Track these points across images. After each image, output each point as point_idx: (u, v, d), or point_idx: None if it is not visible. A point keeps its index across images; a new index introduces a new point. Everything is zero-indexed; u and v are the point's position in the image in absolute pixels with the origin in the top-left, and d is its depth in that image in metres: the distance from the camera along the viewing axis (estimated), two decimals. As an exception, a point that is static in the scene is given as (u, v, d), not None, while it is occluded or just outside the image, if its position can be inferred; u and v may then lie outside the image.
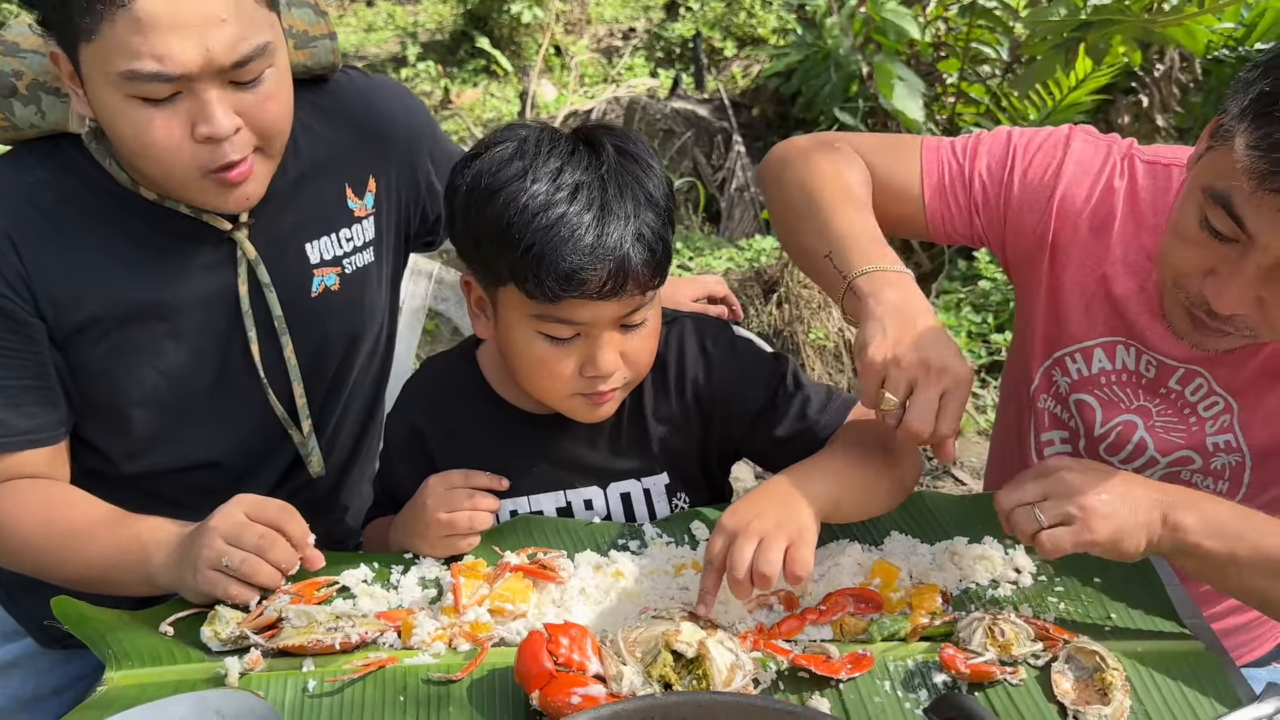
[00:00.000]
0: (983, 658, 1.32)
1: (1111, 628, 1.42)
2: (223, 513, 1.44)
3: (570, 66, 6.68)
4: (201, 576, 1.41)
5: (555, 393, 1.52)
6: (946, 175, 1.68)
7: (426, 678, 1.35)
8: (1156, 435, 1.64)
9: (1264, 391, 1.56)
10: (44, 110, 1.53)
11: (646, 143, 1.50)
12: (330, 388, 1.79)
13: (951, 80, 5.00)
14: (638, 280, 1.42)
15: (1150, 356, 1.62)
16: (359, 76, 1.78)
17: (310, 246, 1.69)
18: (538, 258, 1.38)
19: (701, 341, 1.65)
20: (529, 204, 1.39)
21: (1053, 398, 1.74)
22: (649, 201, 1.44)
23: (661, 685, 1.29)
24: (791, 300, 3.65)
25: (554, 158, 1.42)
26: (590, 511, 1.66)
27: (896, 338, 1.36)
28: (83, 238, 1.55)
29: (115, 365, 1.59)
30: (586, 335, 1.46)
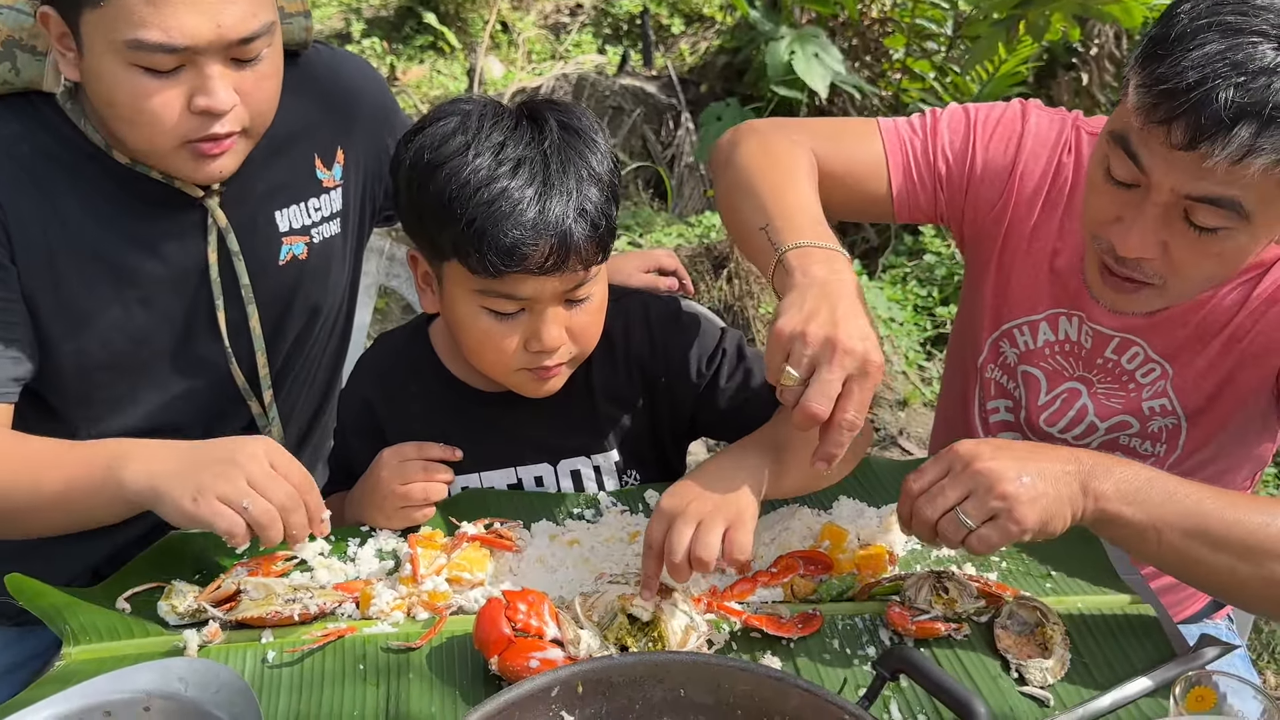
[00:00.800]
0: (928, 615, 1.37)
1: (1052, 585, 1.47)
2: (249, 452, 1.37)
3: (517, 43, 6.65)
4: (206, 504, 1.33)
5: (501, 367, 1.53)
6: (910, 156, 1.70)
7: (386, 646, 1.37)
8: (1098, 401, 1.69)
9: (1195, 354, 1.61)
10: (18, 68, 1.52)
11: (592, 118, 1.51)
12: (289, 357, 1.80)
13: (897, 56, 5.05)
14: (580, 255, 1.43)
15: (1089, 327, 1.66)
16: (326, 50, 1.80)
17: (280, 214, 1.70)
18: (479, 233, 1.39)
19: (647, 317, 1.66)
20: (471, 179, 1.40)
21: (1000, 368, 1.78)
22: (592, 177, 1.45)
23: (618, 648, 1.32)
24: (741, 275, 3.68)
25: (497, 132, 1.43)
26: (541, 488, 1.68)
27: (811, 312, 1.29)
28: (57, 192, 1.54)
29: (79, 325, 1.59)
30: (531, 310, 1.47)
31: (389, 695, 1.30)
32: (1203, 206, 1.34)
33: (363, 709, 1.28)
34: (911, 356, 4.14)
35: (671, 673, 1.19)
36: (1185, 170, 1.32)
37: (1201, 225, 1.36)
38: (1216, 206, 1.33)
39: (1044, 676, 1.31)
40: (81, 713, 1.03)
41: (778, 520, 1.54)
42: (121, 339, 1.62)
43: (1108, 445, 1.69)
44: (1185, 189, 1.34)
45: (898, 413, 3.78)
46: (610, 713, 1.19)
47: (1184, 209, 1.36)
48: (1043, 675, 1.31)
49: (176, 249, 1.62)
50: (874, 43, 5.03)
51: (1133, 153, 1.36)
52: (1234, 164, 1.28)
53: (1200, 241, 1.38)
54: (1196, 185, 1.33)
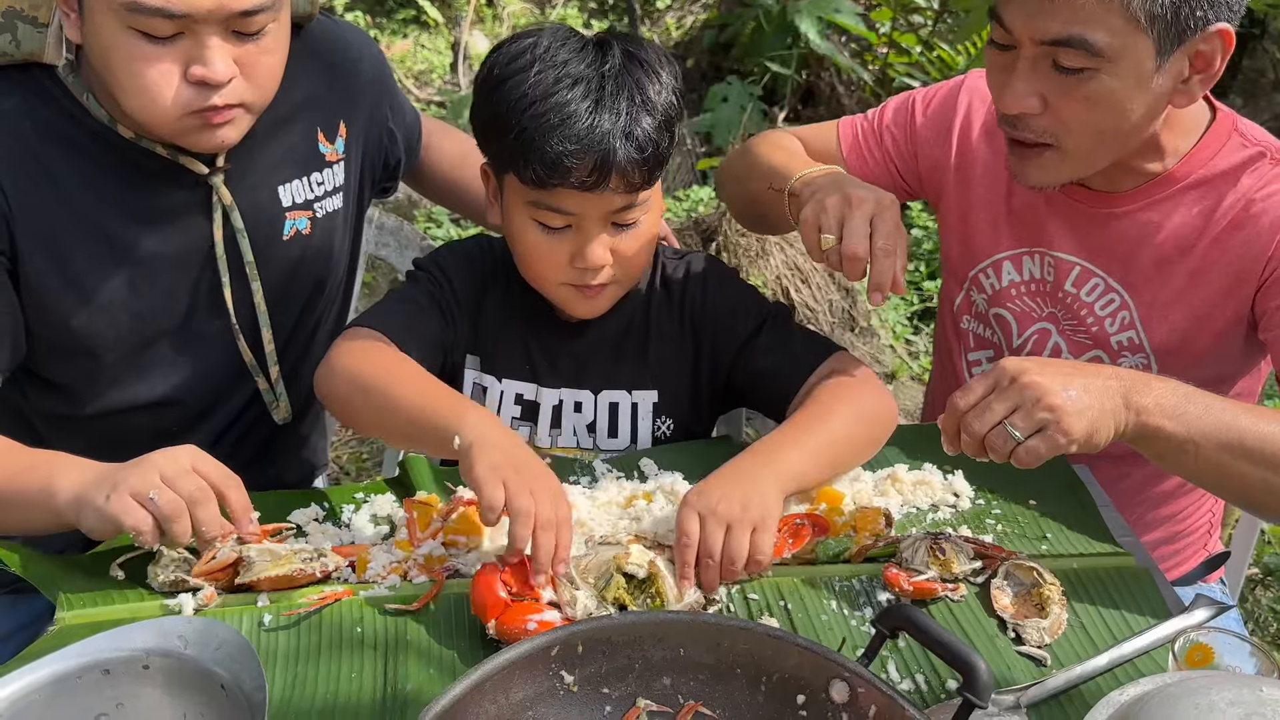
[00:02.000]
0: (925, 575, 1.37)
1: (1047, 547, 1.47)
2: (168, 453, 1.37)
3: (502, 17, 6.60)
4: (117, 499, 1.30)
5: (547, 280, 1.61)
6: (860, 135, 1.85)
7: (384, 609, 1.37)
8: (1068, 339, 1.72)
9: (1156, 283, 1.63)
10: (19, 40, 1.50)
11: (665, 56, 1.57)
12: (292, 332, 1.79)
13: (884, 30, 5.03)
14: (624, 176, 1.49)
15: (1050, 258, 1.70)
16: (328, 22, 1.78)
17: (283, 189, 1.69)
18: (527, 142, 1.47)
19: (705, 270, 1.75)
20: (527, 92, 1.48)
21: (974, 318, 1.82)
22: (646, 104, 1.51)
23: (616, 607, 1.32)
24: (730, 248, 3.68)
25: (563, 53, 1.50)
26: (579, 414, 1.71)
27: (823, 195, 1.47)
28: (60, 169, 1.53)
29: (85, 301, 1.57)
30: (578, 227, 1.54)
31: (387, 662, 1.30)
32: (1061, 50, 1.42)
33: (360, 677, 1.28)
34: (899, 330, 4.15)
35: (671, 632, 1.19)
36: (1034, 13, 1.42)
37: (1065, 66, 1.43)
38: (1070, 47, 1.41)
39: (1041, 636, 1.32)
40: (80, 670, 1.02)
41: (774, 483, 1.54)
42: (127, 315, 1.61)
43: None
44: (1038, 34, 1.43)
45: (887, 385, 3.78)
46: (610, 672, 1.18)
47: (1051, 58, 1.44)
48: (1039, 635, 1.32)
49: (181, 226, 1.61)
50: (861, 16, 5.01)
51: (998, 15, 1.47)
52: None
53: (1069, 85, 1.45)
54: (1046, 28, 1.41)
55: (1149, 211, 1.62)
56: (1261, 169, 1.57)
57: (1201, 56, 1.45)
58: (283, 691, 1.25)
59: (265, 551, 1.37)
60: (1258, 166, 1.57)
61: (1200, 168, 1.58)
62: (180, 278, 1.63)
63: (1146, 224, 1.62)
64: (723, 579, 1.37)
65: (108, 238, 1.56)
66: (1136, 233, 1.63)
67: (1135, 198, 1.62)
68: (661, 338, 1.72)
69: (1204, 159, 1.58)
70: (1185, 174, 1.59)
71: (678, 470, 1.59)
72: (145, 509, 1.31)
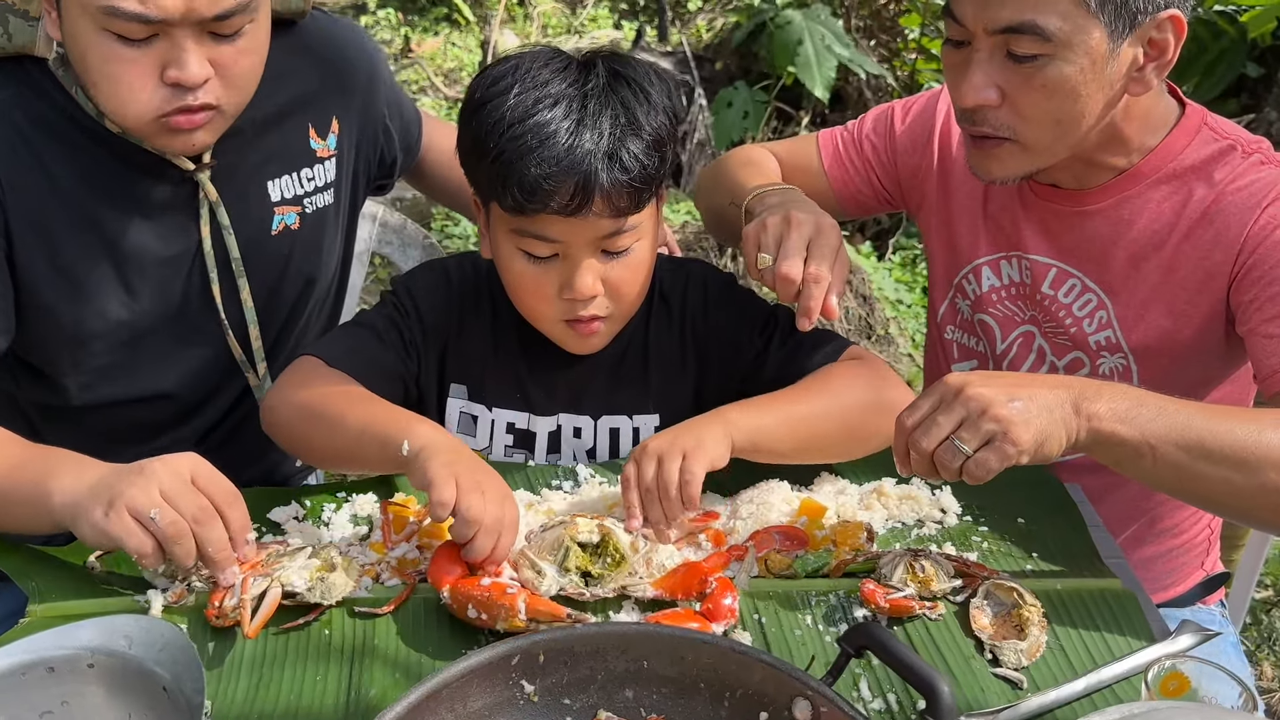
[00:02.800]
0: (902, 593, 1.34)
1: (1032, 566, 1.44)
2: (169, 464, 1.28)
3: (533, 16, 6.61)
4: (116, 516, 1.23)
5: (541, 315, 1.55)
6: (840, 146, 1.85)
7: (353, 611, 1.36)
8: (1050, 341, 1.71)
9: (1133, 281, 1.61)
10: (10, 32, 1.51)
11: (656, 75, 1.51)
12: (283, 328, 1.79)
13: (913, 35, 4.99)
14: (608, 200, 1.43)
15: (1027, 260, 1.69)
16: (323, 18, 1.77)
17: (272, 184, 1.69)
18: (505, 166, 1.41)
19: (705, 282, 1.68)
20: (506, 115, 1.42)
21: (959, 327, 1.81)
22: (631, 124, 1.44)
23: (580, 575, 1.34)
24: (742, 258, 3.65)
25: (545, 72, 1.44)
26: (578, 440, 1.68)
27: (769, 214, 1.48)
28: (51, 160, 1.53)
29: (74, 293, 1.58)
30: (565, 256, 1.48)
31: (353, 666, 1.28)
32: (1014, 38, 1.42)
33: (325, 681, 1.26)
34: (918, 339, 4.11)
35: (634, 644, 1.17)
36: (985, 4, 1.42)
37: (1019, 55, 1.43)
38: (1022, 34, 1.41)
39: (1018, 658, 1.29)
40: (24, 667, 1.02)
41: (756, 495, 1.52)
42: (117, 307, 1.61)
43: None
44: (991, 23, 1.42)
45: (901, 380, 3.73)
46: (572, 683, 1.17)
47: (1005, 48, 1.44)
48: (1017, 657, 1.29)
49: (169, 221, 1.61)
50: (889, 22, 4.98)
51: (952, 11, 1.47)
52: None
53: (1024, 73, 1.44)
54: (998, 16, 1.41)
55: (1120, 208, 1.61)
56: (1233, 162, 1.55)
57: (1155, 44, 1.45)
58: (246, 693, 1.25)
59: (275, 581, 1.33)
60: (1228, 159, 1.55)
61: (1170, 162, 1.57)
62: (169, 272, 1.63)
63: (1118, 221, 1.61)
64: (667, 517, 1.40)
65: (98, 229, 1.56)
66: (1108, 230, 1.61)
67: (1105, 194, 1.61)
68: (662, 359, 1.67)
69: (1173, 153, 1.57)
70: (1154, 169, 1.58)
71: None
72: (147, 529, 1.24)
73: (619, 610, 1.35)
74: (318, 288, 1.79)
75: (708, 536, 1.46)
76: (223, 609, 1.29)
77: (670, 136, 1.49)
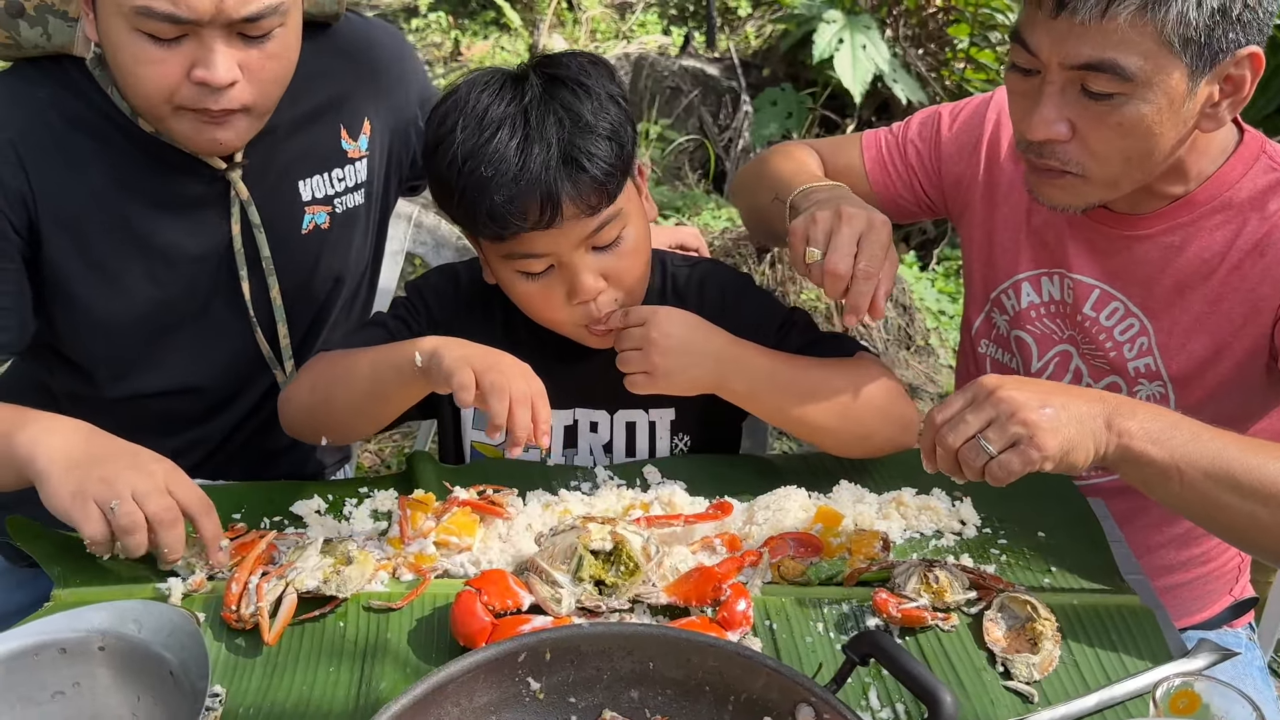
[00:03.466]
0: (915, 603, 1.33)
1: (1050, 580, 1.43)
2: (144, 467, 1.34)
3: (581, 21, 6.64)
4: (79, 502, 1.30)
5: (559, 325, 1.57)
6: (884, 149, 1.82)
7: (367, 605, 1.37)
8: (1088, 363, 1.68)
9: (1176, 309, 1.58)
10: (50, 33, 1.54)
11: (596, 67, 1.51)
12: (311, 326, 1.81)
13: (961, 45, 4.95)
14: (576, 205, 1.44)
15: (1070, 280, 1.66)
16: (357, 20, 1.80)
17: (303, 184, 1.71)
18: (470, 203, 1.44)
19: (721, 284, 1.69)
20: (457, 152, 1.44)
21: (993, 341, 1.78)
22: (578, 123, 1.44)
23: (594, 584, 1.33)
24: (785, 261, 3.65)
25: (483, 98, 1.45)
26: (595, 434, 1.69)
27: (818, 209, 1.45)
28: (85, 157, 1.56)
29: (107, 287, 1.61)
30: (560, 265, 1.49)
31: (365, 661, 1.30)
32: (1091, 74, 1.38)
33: (337, 674, 1.28)
34: (958, 350, 4.08)
35: (641, 645, 1.18)
36: (1063, 37, 1.37)
37: (1095, 92, 1.39)
38: (1100, 71, 1.37)
39: (1030, 672, 1.28)
40: (37, 648, 1.04)
41: (772, 500, 1.52)
42: (147, 303, 1.64)
43: None
44: (1068, 58, 1.38)
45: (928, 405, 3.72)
46: (577, 681, 1.18)
47: (1080, 84, 1.40)
48: (1029, 671, 1.28)
49: (200, 219, 1.64)
50: (937, 31, 4.94)
51: (1022, 39, 1.42)
52: (1102, 19, 1.33)
53: (1099, 111, 1.41)
54: (1077, 52, 1.37)
55: (1170, 235, 1.57)
56: None
57: (1231, 80, 1.40)
58: (259, 682, 1.27)
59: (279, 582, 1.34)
60: None
61: (1225, 191, 1.53)
62: (199, 269, 1.66)
63: (1167, 247, 1.57)
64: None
65: (129, 225, 1.59)
66: (1157, 256, 1.58)
67: (1157, 220, 1.57)
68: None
69: (1229, 182, 1.53)
70: (1209, 197, 1.54)
71: (680, 480, 1.58)
72: (104, 519, 1.30)
73: (631, 614, 1.35)
74: (346, 287, 1.81)
75: (722, 541, 1.46)
76: (241, 614, 1.30)
77: (623, 120, 1.50)
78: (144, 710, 1.03)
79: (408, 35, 6.34)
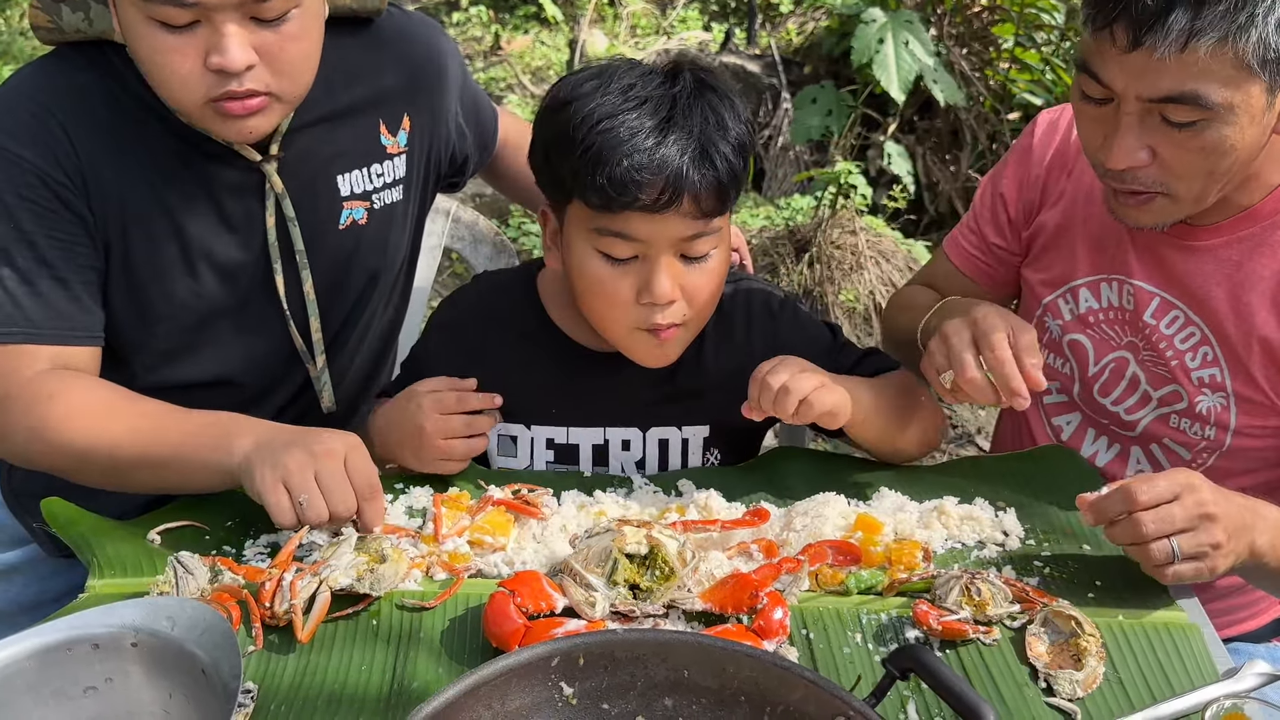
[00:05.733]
0: (956, 615, 1.31)
1: (1094, 595, 1.40)
2: (328, 448, 1.39)
3: (622, 16, 6.62)
4: (273, 485, 1.36)
5: (614, 322, 1.53)
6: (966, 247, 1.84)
7: (400, 603, 1.36)
8: (1146, 369, 1.65)
9: (1233, 324, 1.56)
10: (91, 18, 1.54)
11: (732, 88, 1.53)
12: (346, 321, 1.80)
13: (1006, 45, 4.89)
14: (696, 199, 1.43)
15: (1130, 287, 1.64)
16: (399, 14, 1.78)
17: (342, 179, 1.70)
18: (594, 158, 1.41)
19: (768, 306, 1.67)
20: (595, 110, 1.43)
21: (1046, 347, 1.75)
22: (720, 126, 1.46)
23: (629, 589, 1.31)
24: (823, 260, 3.62)
25: (630, 76, 1.46)
26: (626, 453, 1.67)
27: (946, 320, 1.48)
28: (126, 143, 1.56)
29: (145, 275, 1.61)
30: (644, 258, 1.47)
31: (398, 658, 1.29)
32: (1171, 106, 1.36)
33: (370, 670, 1.27)
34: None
35: (675, 653, 1.16)
36: (1140, 72, 1.35)
37: (1176, 121, 1.37)
38: (1181, 103, 1.35)
39: (1074, 689, 1.25)
40: (70, 643, 1.03)
41: (811, 507, 1.50)
42: (183, 293, 1.64)
43: (1158, 422, 1.65)
44: (1145, 92, 1.36)
45: (977, 411, 3.68)
46: (611, 688, 1.16)
47: (1159, 113, 1.38)
48: (1072, 688, 1.25)
49: (236, 210, 1.63)
50: (982, 30, 4.89)
51: (1094, 71, 1.40)
52: (1181, 52, 1.31)
53: (1181, 138, 1.39)
54: (1156, 86, 1.35)
55: (1230, 248, 1.54)
56: None
57: None
58: (292, 678, 1.26)
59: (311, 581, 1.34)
60: None
61: None
62: (234, 260, 1.65)
63: (1225, 261, 1.55)
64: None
65: (167, 214, 1.59)
66: (1213, 268, 1.56)
67: (1218, 232, 1.55)
68: (722, 375, 1.63)
69: None
70: (1274, 210, 1.52)
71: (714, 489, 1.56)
72: (294, 507, 1.36)
73: (665, 619, 1.33)
74: (382, 283, 1.80)
75: (759, 547, 1.44)
76: (275, 612, 1.30)
77: (750, 142, 1.50)
78: (176, 707, 1.02)
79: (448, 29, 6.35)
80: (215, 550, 1.46)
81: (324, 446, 1.39)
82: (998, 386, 1.42)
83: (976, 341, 1.43)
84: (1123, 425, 1.68)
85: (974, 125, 4.87)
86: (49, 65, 1.58)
